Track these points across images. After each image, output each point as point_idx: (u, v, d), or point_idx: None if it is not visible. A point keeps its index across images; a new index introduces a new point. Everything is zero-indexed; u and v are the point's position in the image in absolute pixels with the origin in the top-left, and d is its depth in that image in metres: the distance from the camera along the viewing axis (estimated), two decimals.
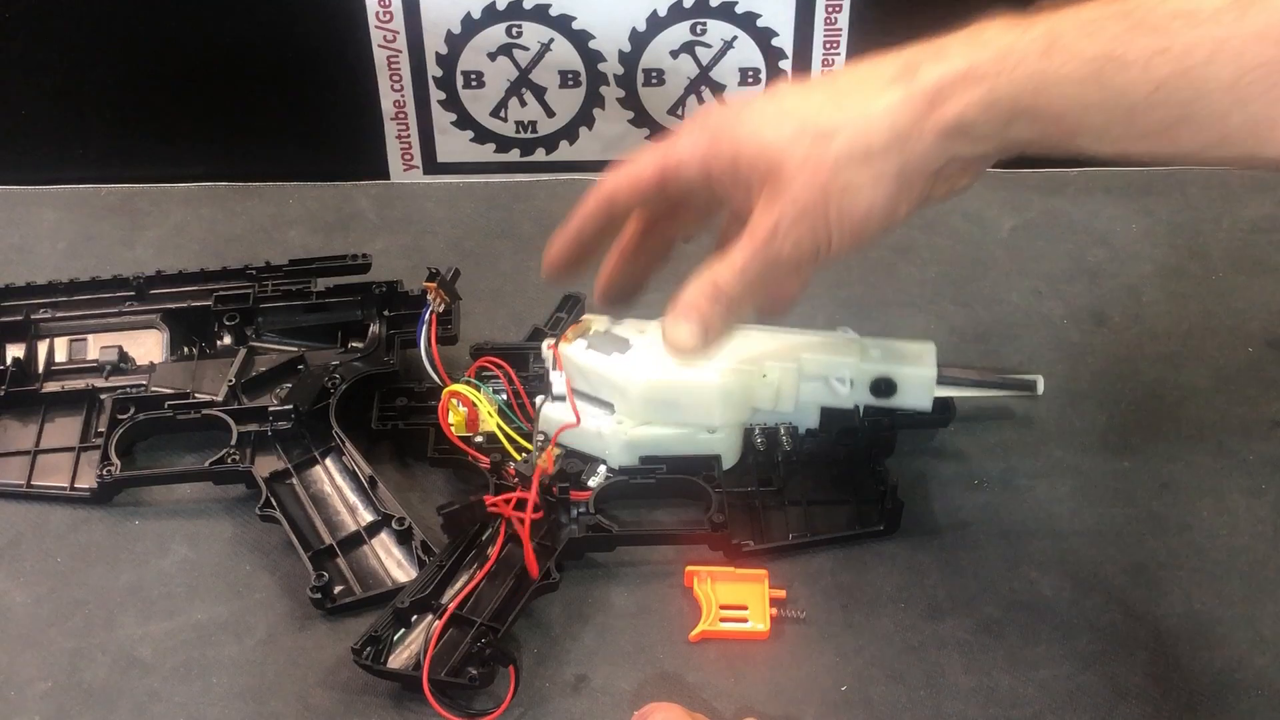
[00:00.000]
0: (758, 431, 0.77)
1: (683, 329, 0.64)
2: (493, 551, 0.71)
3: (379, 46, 0.98)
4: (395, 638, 0.68)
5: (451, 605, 0.68)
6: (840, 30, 0.98)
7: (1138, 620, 0.70)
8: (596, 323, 0.77)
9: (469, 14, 0.98)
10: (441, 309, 0.79)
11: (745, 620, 0.70)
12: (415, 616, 0.69)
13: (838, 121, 0.61)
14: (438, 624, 0.68)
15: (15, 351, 0.84)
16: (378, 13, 0.97)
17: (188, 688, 0.68)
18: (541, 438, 0.76)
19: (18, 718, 0.67)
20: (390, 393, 0.81)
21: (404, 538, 0.74)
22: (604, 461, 0.76)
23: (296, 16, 0.97)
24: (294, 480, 0.77)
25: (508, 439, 0.76)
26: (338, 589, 0.72)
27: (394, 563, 0.73)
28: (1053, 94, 0.58)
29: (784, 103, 0.64)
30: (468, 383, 0.78)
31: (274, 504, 0.75)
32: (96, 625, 0.71)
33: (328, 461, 0.78)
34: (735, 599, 0.71)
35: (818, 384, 0.76)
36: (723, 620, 0.70)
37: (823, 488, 0.77)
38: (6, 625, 0.71)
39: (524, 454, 0.75)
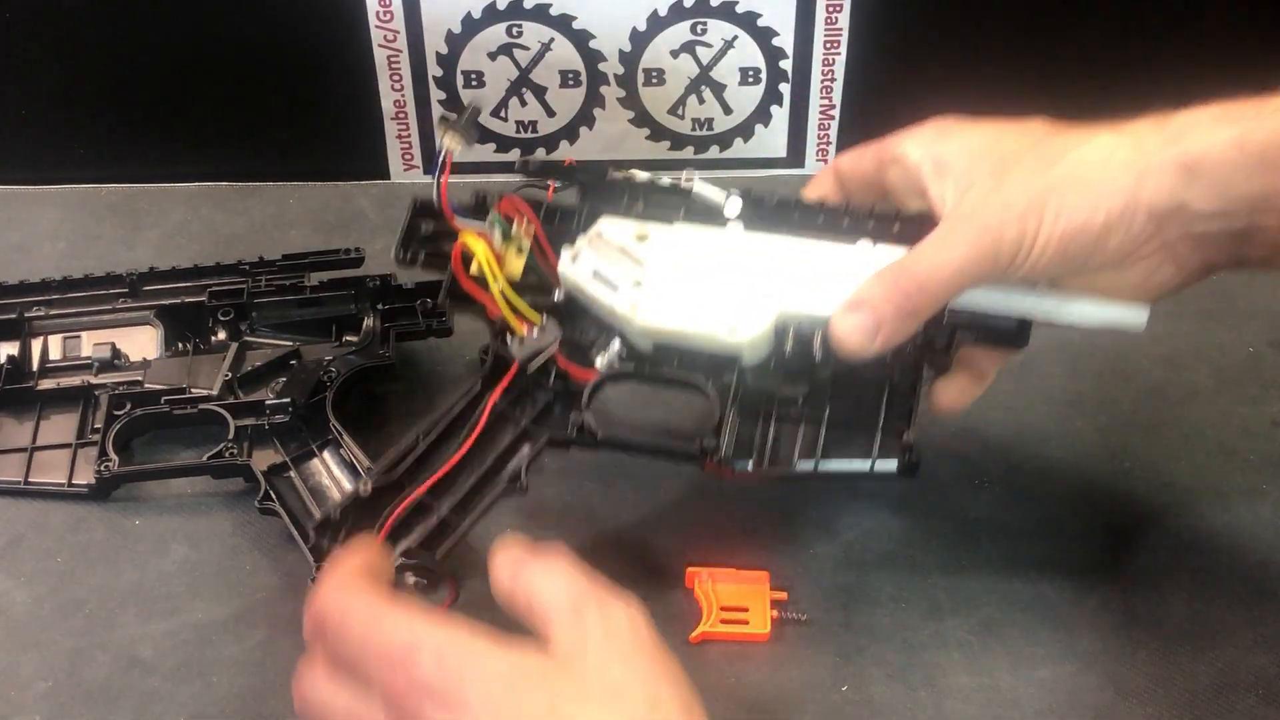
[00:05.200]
0: (790, 332, 0.66)
1: (852, 321, 0.62)
2: (467, 441, 0.66)
3: (379, 46, 0.98)
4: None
5: (415, 494, 0.64)
6: (840, 30, 0.98)
7: (1138, 620, 0.70)
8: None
9: (469, 14, 0.98)
10: (458, 149, 0.68)
11: (746, 623, 0.70)
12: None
13: (1066, 149, 0.60)
14: (397, 510, 0.64)
15: (9, 349, 0.84)
16: (378, 12, 0.97)
17: (188, 688, 0.68)
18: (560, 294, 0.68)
19: (18, 717, 0.67)
20: (420, 212, 0.71)
21: None
22: (619, 337, 0.68)
23: (296, 16, 0.97)
24: (292, 473, 0.77)
25: (514, 310, 0.68)
26: None
27: None
28: None
29: (1006, 141, 0.63)
30: (492, 220, 0.68)
31: (273, 497, 0.75)
32: (97, 625, 0.71)
33: (325, 454, 0.78)
34: (736, 601, 0.70)
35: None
36: (723, 621, 0.70)
37: (847, 410, 0.67)
38: (7, 625, 0.71)
39: (530, 328, 0.68)
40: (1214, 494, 0.77)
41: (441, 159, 0.68)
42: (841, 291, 0.63)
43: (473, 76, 1.00)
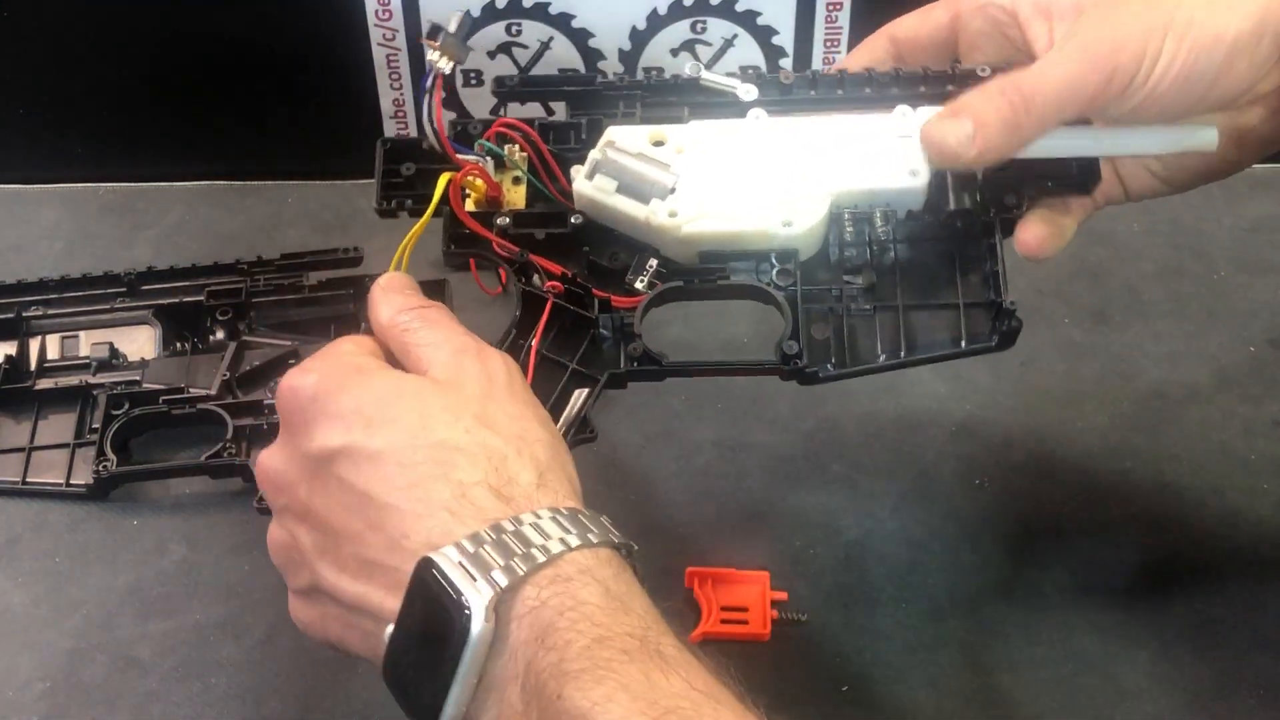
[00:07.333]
0: (846, 216, 0.61)
1: (949, 124, 0.57)
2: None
3: (378, 45, 0.98)
4: None
5: None
6: (840, 28, 0.98)
7: (1138, 620, 0.70)
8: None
9: (468, 13, 0.97)
10: (449, 69, 0.61)
11: (746, 623, 0.70)
12: None
13: None
14: None
15: (7, 348, 0.84)
16: (377, 11, 0.96)
17: (186, 688, 0.68)
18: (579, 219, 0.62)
19: (16, 717, 0.67)
20: (394, 155, 0.64)
21: None
22: (654, 254, 0.62)
23: (296, 16, 0.97)
24: None
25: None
26: None
27: None
28: None
29: None
30: (483, 148, 0.62)
31: None
32: (95, 625, 0.71)
33: None
34: (736, 601, 0.70)
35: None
36: (723, 622, 0.70)
37: (925, 287, 0.61)
38: (4, 625, 0.71)
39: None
40: (1214, 494, 0.77)
41: (431, 80, 0.60)
42: (893, 160, 0.59)
43: (472, 75, 1.00)
